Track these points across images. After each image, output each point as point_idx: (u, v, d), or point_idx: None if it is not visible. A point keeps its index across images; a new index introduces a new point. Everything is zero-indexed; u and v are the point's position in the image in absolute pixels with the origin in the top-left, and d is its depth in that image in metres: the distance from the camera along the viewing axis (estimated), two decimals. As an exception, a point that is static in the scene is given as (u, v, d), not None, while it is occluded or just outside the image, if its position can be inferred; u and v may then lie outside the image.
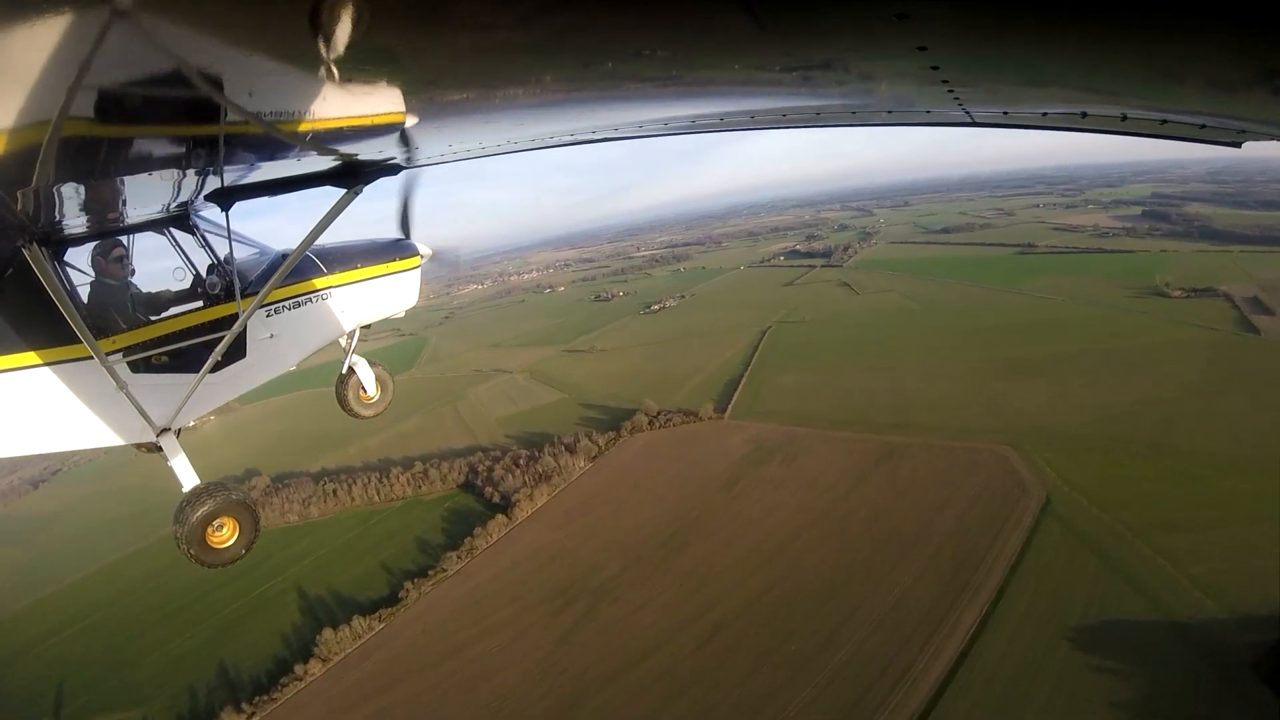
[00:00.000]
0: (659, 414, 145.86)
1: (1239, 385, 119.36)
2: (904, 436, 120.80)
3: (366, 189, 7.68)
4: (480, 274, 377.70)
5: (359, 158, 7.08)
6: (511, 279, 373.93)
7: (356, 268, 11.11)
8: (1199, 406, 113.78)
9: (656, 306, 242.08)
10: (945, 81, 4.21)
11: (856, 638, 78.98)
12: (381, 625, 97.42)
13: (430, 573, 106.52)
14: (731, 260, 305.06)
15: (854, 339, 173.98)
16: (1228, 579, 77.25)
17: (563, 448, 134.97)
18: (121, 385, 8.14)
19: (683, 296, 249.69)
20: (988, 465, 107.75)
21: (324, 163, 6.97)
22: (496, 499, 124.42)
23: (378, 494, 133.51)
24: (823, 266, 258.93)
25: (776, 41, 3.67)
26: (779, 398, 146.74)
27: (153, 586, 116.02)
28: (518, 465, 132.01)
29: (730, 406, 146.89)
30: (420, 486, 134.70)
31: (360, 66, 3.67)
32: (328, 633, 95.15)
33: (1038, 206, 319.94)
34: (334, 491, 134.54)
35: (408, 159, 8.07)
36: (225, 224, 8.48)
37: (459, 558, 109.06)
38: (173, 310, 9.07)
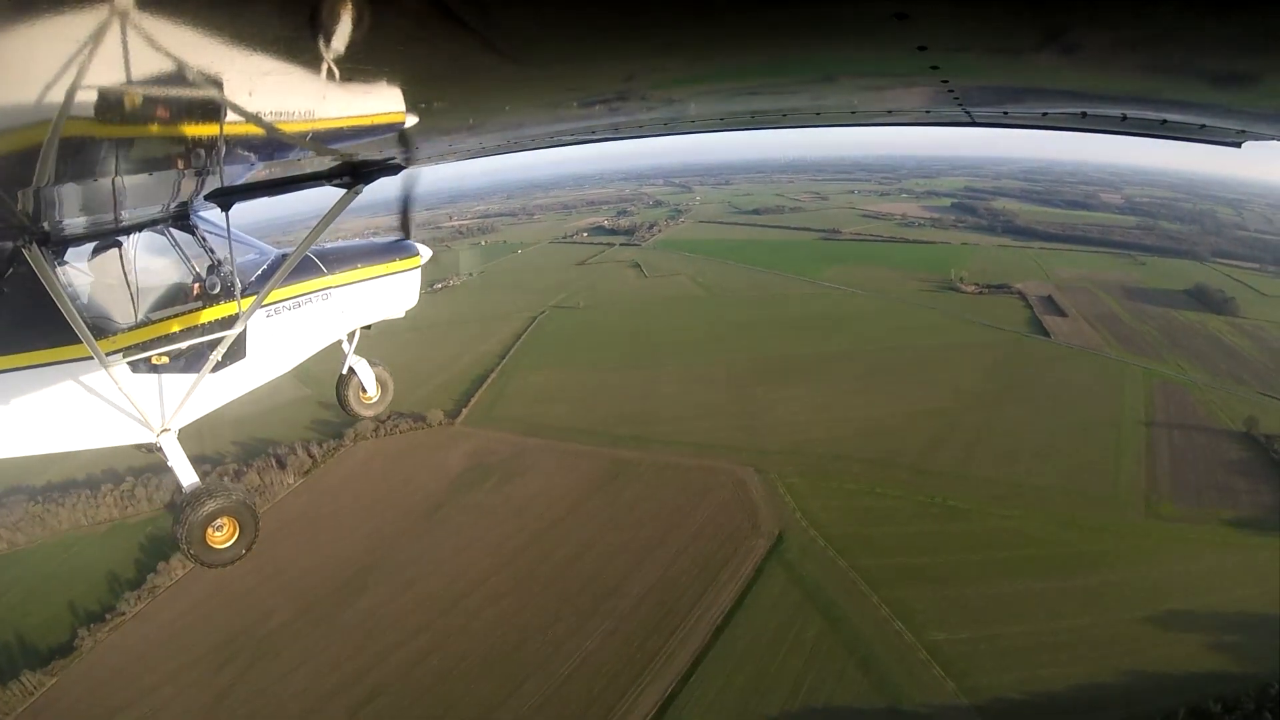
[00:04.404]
0: (388, 418, 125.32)
1: (1020, 395, 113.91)
2: (640, 451, 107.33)
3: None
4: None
5: (359, 158, 7.06)
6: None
7: (356, 268, 10.87)
8: (974, 420, 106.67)
9: (440, 285, 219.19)
10: (945, 81, 4.30)
11: (510, 724, 67.26)
12: (53, 680, 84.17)
13: (109, 616, 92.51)
14: (537, 235, 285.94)
15: (623, 329, 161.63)
16: (974, 651, 66.67)
17: (274, 462, 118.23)
18: (121, 385, 8.07)
19: (470, 274, 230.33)
20: (721, 492, 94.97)
21: (324, 163, 6.95)
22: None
23: (84, 516, 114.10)
24: (621, 245, 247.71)
25: (778, 42, 3.74)
26: (519, 401, 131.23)
27: None
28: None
29: (464, 411, 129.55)
30: (127, 507, 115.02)
31: (360, 67, 3.77)
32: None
33: (853, 193, 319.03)
34: (41, 515, 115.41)
35: (408, 159, 8.55)
36: (225, 224, 8.27)
37: (139, 598, 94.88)
38: (172, 310, 8.73)
